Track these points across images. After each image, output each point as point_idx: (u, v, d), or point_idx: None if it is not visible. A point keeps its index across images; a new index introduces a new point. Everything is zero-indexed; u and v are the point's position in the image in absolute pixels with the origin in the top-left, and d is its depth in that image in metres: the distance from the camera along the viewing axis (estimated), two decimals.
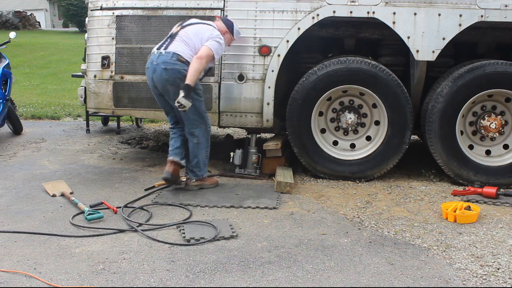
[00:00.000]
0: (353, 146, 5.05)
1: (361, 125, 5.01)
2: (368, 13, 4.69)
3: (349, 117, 4.94)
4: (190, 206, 4.17)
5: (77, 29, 33.20)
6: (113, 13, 4.98)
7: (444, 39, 4.67)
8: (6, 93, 6.42)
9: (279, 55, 4.83)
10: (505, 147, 4.92)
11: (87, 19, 5.18)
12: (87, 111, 6.72)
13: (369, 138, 5.02)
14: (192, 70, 4.24)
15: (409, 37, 4.69)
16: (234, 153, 5.04)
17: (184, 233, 3.60)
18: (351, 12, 4.71)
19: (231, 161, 5.05)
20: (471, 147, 4.93)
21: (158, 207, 4.18)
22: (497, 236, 3.67)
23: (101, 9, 5.02)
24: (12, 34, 7.00)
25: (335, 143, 5.06)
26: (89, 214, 3.86)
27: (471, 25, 4.64)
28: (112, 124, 7.70)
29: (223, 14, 4.81)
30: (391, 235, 3.69)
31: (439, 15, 4.64)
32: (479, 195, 4.44)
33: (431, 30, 4.66)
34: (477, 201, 4.34)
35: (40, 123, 7.87)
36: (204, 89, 4.77)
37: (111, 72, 5.02)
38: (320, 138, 5.00)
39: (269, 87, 4.87)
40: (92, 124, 7.56)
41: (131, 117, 7.18)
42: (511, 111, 4.89)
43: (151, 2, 4.93)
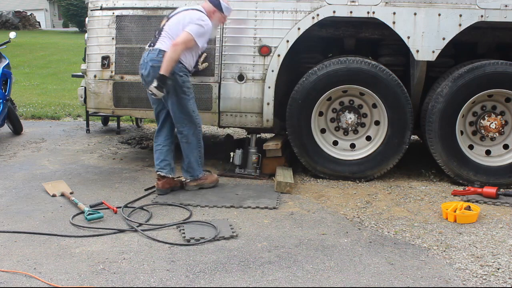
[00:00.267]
0: (353, 146, 5.05)
1: (361, 125, 5.01)
2: (368, 13, 4.69)
3: (349, 117, 4.94)
4: (190, 206, 4.17)
5: (77, 29, 33.21)
6: (113, 13, 4.98)
7: (444, 39, 4.67)
8: (6, 93, 6.42)
9: (279, 55, 4.83)
10: (505, 147, 4.92)
11: (87, 19, 5.18)
12: (87, 111, 6.72)
13: (369, 138, 5.02)
14: (166, 59, 4.16)
15: (409, 37, 4.69)
16: (234, 153, 5.04)
17: (184, 233, 3.60)
18: (351, 12, 4.71)
19: (231, 161, 5.05)
20: (471, 147, 4.93)
21: (158, 207, 4.18)
22: (497, 236, 3.67)
23: (101, 9, 5.02)
24: (12, 34, 7.00)
25: (335, 143, 5.06)
26: (89, 214, 3.86)
27: (471, 25, 4.64)
28: (112, 124, 7.70)
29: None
30: (391, 235, 3.69)
31: (439, 15, 4.64)
32: (479, 195, 4.45)
33: (431, 30, 4.66)
34: (477, 201, 4.34)
35: (40, 123, 7.87)
36: (204, 89, 4.77)
37: (111, 72, 5.02)
38: (320, 138, 5.01)
39: (269, 87, 4.87)
40: (92, 124, 7.56)
41: (131, 117, 7.17)
42: (511, 111, 4.89)
43: (151, 2, 4.93)
